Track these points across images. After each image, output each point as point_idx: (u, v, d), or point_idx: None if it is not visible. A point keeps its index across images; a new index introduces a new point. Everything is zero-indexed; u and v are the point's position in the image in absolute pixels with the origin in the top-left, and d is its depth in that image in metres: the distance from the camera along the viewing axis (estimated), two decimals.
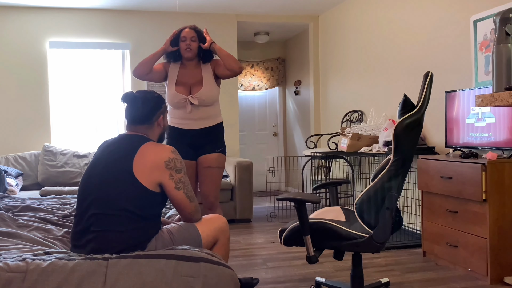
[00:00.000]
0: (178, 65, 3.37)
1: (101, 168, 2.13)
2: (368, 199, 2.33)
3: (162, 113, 2.34)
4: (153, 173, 2.08)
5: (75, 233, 2.13)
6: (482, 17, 3.65)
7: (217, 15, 6.34)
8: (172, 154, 2.15)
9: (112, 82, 6.11)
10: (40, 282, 1.76)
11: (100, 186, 2.08)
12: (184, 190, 2.16)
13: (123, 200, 2.04)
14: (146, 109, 2.26)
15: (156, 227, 2.16)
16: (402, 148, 2.30)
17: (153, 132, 2.32)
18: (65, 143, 5.91)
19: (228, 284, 1.93)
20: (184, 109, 3.25)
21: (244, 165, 5.39)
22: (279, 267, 3.59)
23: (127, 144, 2.17)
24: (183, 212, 2.21)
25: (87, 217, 2.08)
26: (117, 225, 2.03)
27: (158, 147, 2.16)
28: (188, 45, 3.26)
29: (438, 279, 3.25)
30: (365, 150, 4.59)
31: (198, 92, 3.23)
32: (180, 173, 2.15)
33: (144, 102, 2.26)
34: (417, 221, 4.49)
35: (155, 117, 2.29)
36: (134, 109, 2.26)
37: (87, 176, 2.17)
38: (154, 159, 2.10)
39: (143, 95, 2.29)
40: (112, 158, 2.13)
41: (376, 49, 5.19)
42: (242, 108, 7.98)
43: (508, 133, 3.26)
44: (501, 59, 2.53)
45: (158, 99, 2.32)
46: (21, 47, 5.78)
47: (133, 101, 2.27)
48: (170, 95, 3.27)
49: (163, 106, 2.35)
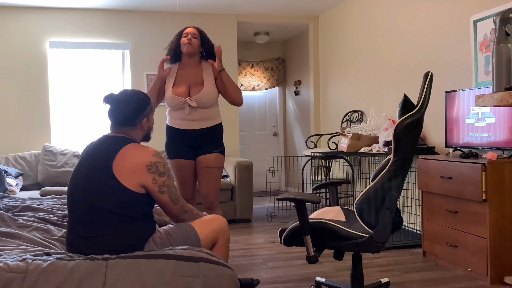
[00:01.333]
0: (176, 66, 3.35)
1: (84, 173, 2.09)
2: (368, 199, 2.33)
3: (146, 116, 2.25)
4: (134, 176, 2.04)
5: (69, 240, 2.12)
6: (482, 17, 3.65)
7: (217, 15, 6.34)
8: (154, 157, 2.09)
9: (112, 82, 6.11)
10: (40, 282, 1.76)
11: (85, 192, 2.05)
12: (168, 194, 2.12)
13: (109, 204, 2.02)
14: (129, 112, 2.18)
15: (149, 226, 2.15)
16: (402, 148, 2.30)
17: (137, 134, 2.25)
18: (65, 143, 5.91)
19: (228, 284, 1.93)
20: (183, 110, 3.23)
21: (244, 165, 5.39)
22: (279, 267, 3.59)
23: (108, 146, 2.12)
24: (169, 214, 2.20)
25: (77, 224, 2.07)
26: (107, 229, 2.02)
27: (139, 150, 2.09)
28: (189, 39, 3.23)
29: (438, 279, 3.25)
30: (365, 150, 4.59)
31: (198, 94, 3.20)
32: (164, 176, 2.10)
33: (127, 104, 2.18)
34: (417, 221, 4.49)
35: (138, 119, 2.22)
36: (116, 111, 2.18)
37: (72, 183, 2.14)
38: (135, 162, 2.05)
39: (126, 97, 2.20)
40: (94, 161, 2.09)
41: (376, 49, 5.19)
42: (242, 108, 7.98)
43: (508, 133, 3.26)
44: (501, 59, 2.53)
45: (143, 101, 2.23)
46: (21, 47, 5.78)
47: (115, 103, 2.19)
48: (168, 98, 3.24)
49: (148, 108, 2.26)
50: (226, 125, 6.32)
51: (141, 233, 2.10)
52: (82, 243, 2.05)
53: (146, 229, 2.13)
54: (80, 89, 5.99)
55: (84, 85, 6.00)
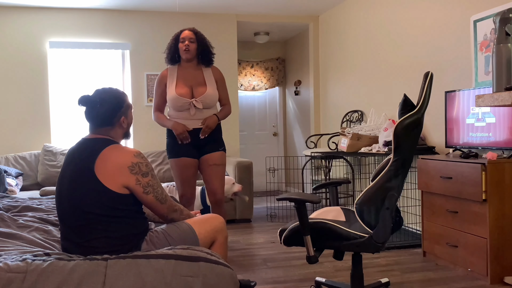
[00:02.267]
0: (176, 67, 3.40)
1: (68, 180, 2.07)
2: (368, 199, 2.33)
3: (123, 113, 2.20)
4: (116, 177, 2.02)
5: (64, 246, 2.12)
6: (482, 17, 3.65)
7: (217, 15, 6.34)
8: (136, 158, 2.06)
9: (112, 82, 6.11)
10: (40, 282, 1.76)
11: (72, 198, 2.04)
12: (154, 194, 2.10)
13: (96, 207, 2.01)
14: (105, 112, 2.14)
15: (140, 223, 2.14)
16: (402, 148, 2.30)
17: (116, 133, 2.20)
18: (65, 143, 5.92)
19: (228, 283, 1.93)
20: (187, 111, 3.30)
21: (244, 165, 5.38)
22: (279, 267, 3.58)
23: (88, 149, 2.09)
24: (157, 214, 2.18)
25: (69, 231, 2.07)
26: (98, 232, 2.02)
27: (120, 151, 2.07)
28: (187, 46, 3.30)
29: (438, 279, 3.25)
30: (365, 150, 4.59)
31: (203, 95, 3.29)
32: (147, 176, 2.07)
33: (102, 104, 2.14)
34: (417, 221, 4.49)
35: (115, 118, 2.17)
36: (92, 112, 2.14)
37: (58, 190, 2.12)
38: (117, 163, 2.03)
39: (100, 96, 2.16)
40: (76, 166, 2.07)
41: (376, 49, 5.19)
42: (242, 108, 7.99)
43: (508, 133, 3.26)
44: (501, 59, 2.53)
45: (118, 99, 2.18)
46: (21, 47, 5.78)
47: (90, 104, 2.15)
48: (173, 99, 3.29)
49: (125, 105, 2.21)
50: (226, 125, 6.32)
51: (133, 231, 2.09)
52: (77, 250, 2.04)
53: (137, 226, 2.12)
54: (80, 89, 5.99)
55: (84, 85, 6.00)
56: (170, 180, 5.69)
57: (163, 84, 3.39)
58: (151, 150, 6.13)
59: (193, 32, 3.34)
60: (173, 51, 3.38)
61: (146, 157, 2.14)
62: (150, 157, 5.86)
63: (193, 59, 3.37)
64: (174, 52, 3.38)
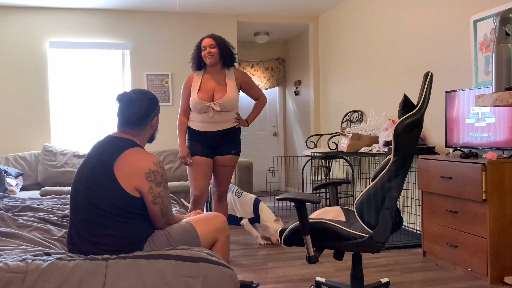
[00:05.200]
0: (201, 72, 3.59)
1: (88, 172, 2.10)
2: (368, 199, 2.33)
3: (156, 114, 2.28)
4: (132, 179, 2.04)
5: (70, 239, 2.13)
6: (482, 17, 3.65)
7: (217, 15, 6.34)
8: (155, 166, 2.09)
9: (112, 82, 6.11)
10: (40, 282, 1.76)
11: (87, 191, 2.06)
12: (161, 206, 2.12)
13: (108, 205, 2.03)
14: (142, 111, 2.20)
15: (148, 226, 2.15)
16: (402, 148, 2.30)
17: (144, 134, 2.26)
18: (65, 143, 5.92)
19: (228, 284, 1.93)
20: (206, 114, 3.47)
21: (244, 165, 5.38)
22: (279, 267, 3.59)
23: (112, 147, 2.12)
24: (154, 223, 2.20)
25: (79, 223, 2.08)
26: (106, 229, 2.03)
27: (142, 155, 2.10)
28: (209, 52, 3.48)
29: (438, 279, 3.25)
30: (365, 150, 4.59)
31: (221, 98, 3.44)
32: (160, 187, 2.10)
33: (141, 103, 2.20)
34: (417, 221, 4.49)
35: (149, 118, 2.24)
36: (129, 110, 2.19)
37: (76, 180, 2.14)
38: (136, 166, 2.05)
39: (139, 96, 2.22)
40: (97, 161, 2.10)
41: (376, 49, 5.19)
42: (242, 108, 7.98)
43: (508, 133, 3.26)
44: (501, 59, 2.53)
45: (153, 100, 2.26)
46: (21, 47, 5.78)
47: (129, 103, 2.20)
48: (194, 102, 3.47)
49: (157, 108, 2.30)
50: None
51: (140, 233, 2.10)
52: (84, 243, 2.05)
53: (145, 229, 2.14)
54: (80, 89, 5.99)
55: (84, 85, 6.00)
56: (169, 180, 5.69)
57: (188, 87, 3.58)
58: (152, 150, 6.13)
59: (212, 39, 3.50)
60: (198, 60, 3.57)
61: (164, 167, 2.15)
62: None
63: (217, 63, 3.52)
64: (198, 60, 3.57)
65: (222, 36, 3.58)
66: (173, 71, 6.23)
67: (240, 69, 3.66)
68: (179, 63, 6.23)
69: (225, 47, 3.52)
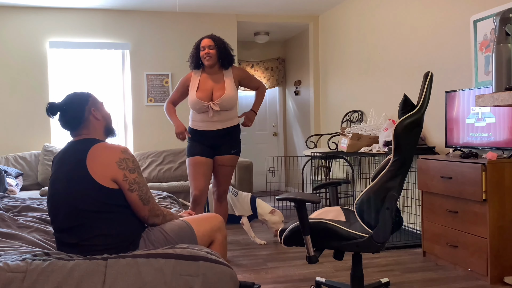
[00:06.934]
0: (199, 72, 3.59)
1: (63, 181, 2.08)
2: (368, 199, 2.33)
3: (92, 105, 2.21)
4: (106, 172, 2.04)
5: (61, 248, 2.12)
6: (482, 17, 3.65)
7: (217, 15, 6.34)
8: (123, 154, 2.09)
9: (112, 82, 6.11)
10: (40, 282, 1.76)
11: (68, 199, 2.04)
12: (138, 192, 2.09)
13: (91, 204, 2.02)
14: (73, 110, 2.16)
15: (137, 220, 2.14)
16: (402, 148, 2.30)
17: (94, 129, 2.21)
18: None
19: (228, 282, 1.93)
20: (206, 113, 3.49)
21: (244, 165, 5.38)
22: (279, 267, 3.58)
23: (76, 150, 2.11)
24: (137, 214, 2.16)
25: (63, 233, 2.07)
26: (94, 230, 2.03)
27: (107, 147, 2.10)
28: (207, 53, 3.48)
29: (438, 279, 3.25)
30: (365, 150, 4.59)
31: (220, 98, 3.45)
32: (134, 173, 2.09)
33: (68, 104, 2.17)
34: (417, 221, 4.49)
35: (86, 112, 2.18)
36: (64, 117, 2.17)
37: (51, 194, 2.12)
38: (105, 159, 2.05)
39: (65, 101, 2.19)
40: (69, 167, 2.08)
41: (376, 49, 5.19)
42: (242, 108, 7.98)
43: (508, 133, 3.26)
44: (501, 59, 2.53)
45: (82, 95, 2.21)
46: (21, 47, 5.78)
47: (59, 110, 2.18)
48: (193, 102, 3.49)
49: (90, 99, 2.21)
50: None
51: (130, 228, 2.09)
52: (75, 250, 2.04)
53: (134, 223, 2.12)
54: (80, 89, 5.99)
55: (84, 85, 6.01)
56: (169, 180, 5.69)
57: (185, 85, 3.61)
58: (151, 150, 6.13)
59: (211, 39, 3.50)
60: (196, 59, 3.58)
61: (132, 153, 2.15)
62: (150, 157, 5.86)
63: (215, 64, 3.53)
64: (196, 60, 3.58)
65: (222, 37, 3.58)
66: (173, 71, 6.23)
67: (236, 66, 3.67)
68: (179, 63, 6.23)
69: (224, 49, 3.52)
